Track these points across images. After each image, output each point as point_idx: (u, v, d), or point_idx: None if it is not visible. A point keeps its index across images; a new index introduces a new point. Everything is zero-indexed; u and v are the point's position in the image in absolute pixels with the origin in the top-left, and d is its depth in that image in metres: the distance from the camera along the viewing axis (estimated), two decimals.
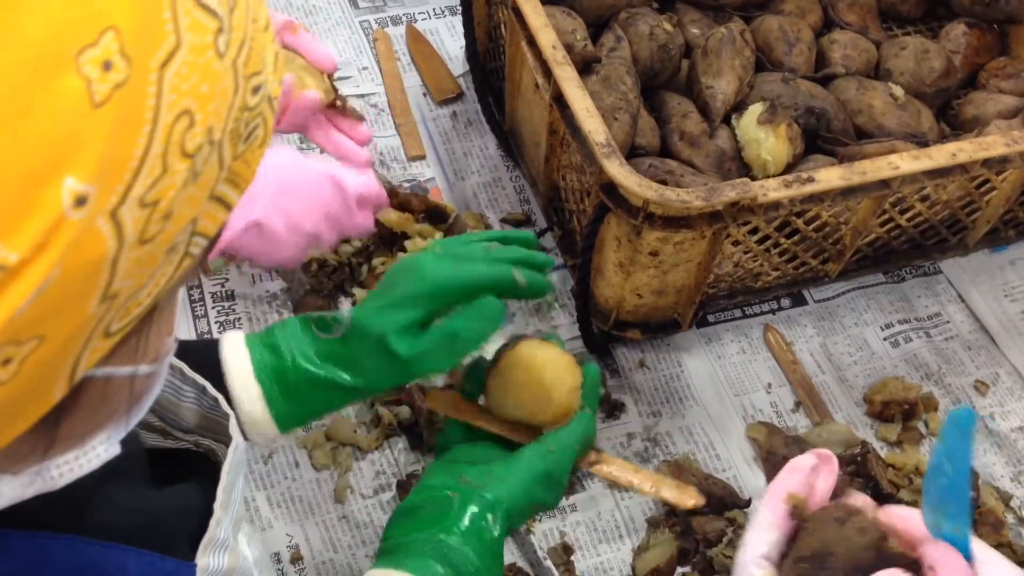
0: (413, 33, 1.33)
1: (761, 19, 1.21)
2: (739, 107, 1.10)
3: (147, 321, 0.40)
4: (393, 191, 1.12)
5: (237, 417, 0.69)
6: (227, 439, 0.63)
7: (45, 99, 0.31)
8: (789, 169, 1.06)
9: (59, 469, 0.43)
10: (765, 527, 0.59)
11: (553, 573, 0.94)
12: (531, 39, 0.98)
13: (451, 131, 1.25)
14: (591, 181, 0.94)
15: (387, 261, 1.09)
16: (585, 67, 1.03)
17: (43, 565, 0.48)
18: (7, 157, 0.31)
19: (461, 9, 1.17)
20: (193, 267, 0.40)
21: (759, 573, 0.58)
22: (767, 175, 1.04)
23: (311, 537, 0.94)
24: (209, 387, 0.65)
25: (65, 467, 0.43)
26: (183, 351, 0.67)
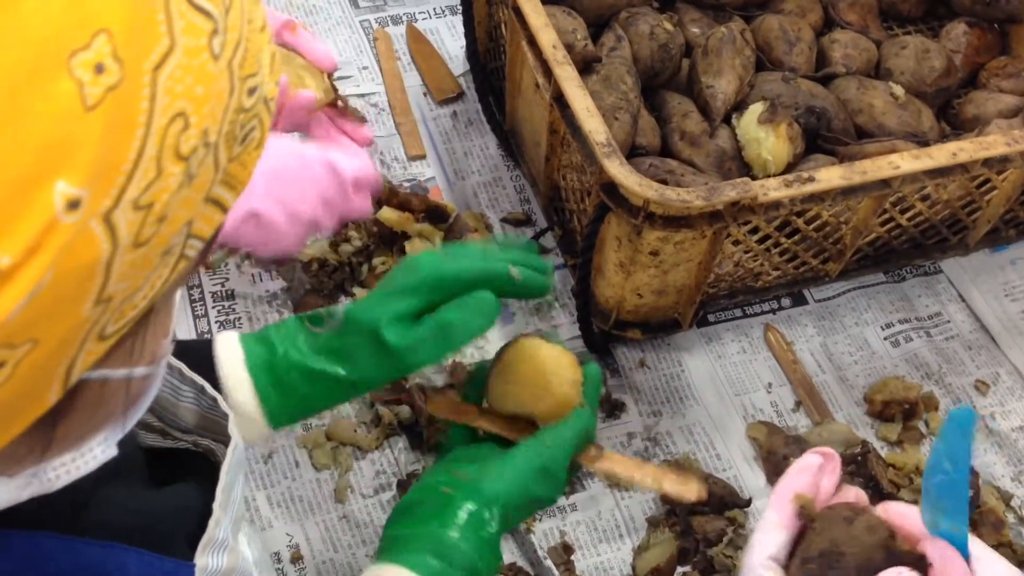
0: (413, 33, 1.33)
1: (761, 18, 1.21)
2: (739, 106, 1.10)
3: (143, 323, 0.40)
4: (393, 191, 1.12)
5: (228, 405, 0.69)
6: (226, 439, 0.63)
7: (37, 103, 0.31)
8: (789, 169, 1.06)
9: (56, 471, 0.43)
10: (773, 528, 0.59)
11: (553, 572, 0.94)
12: (531, 39, 0.98)
13: (451, 131, 1.25)
14: (591, 181, 0.94)
15: (387, 261, 1.09)
16: (585, 67, 1.03)
17: (42, 565, 0.48)
18: None
19: (461, 9, 1.17)
20: (189, 269, 0.40)
21: (768, 575, 0.57)
22: (767, 175, 1.04)
23: (311, 537, 0.94)
24: (208, 387, 0.65)
25: (62, 469, 0.43)
26: (181, 351, 0.67)
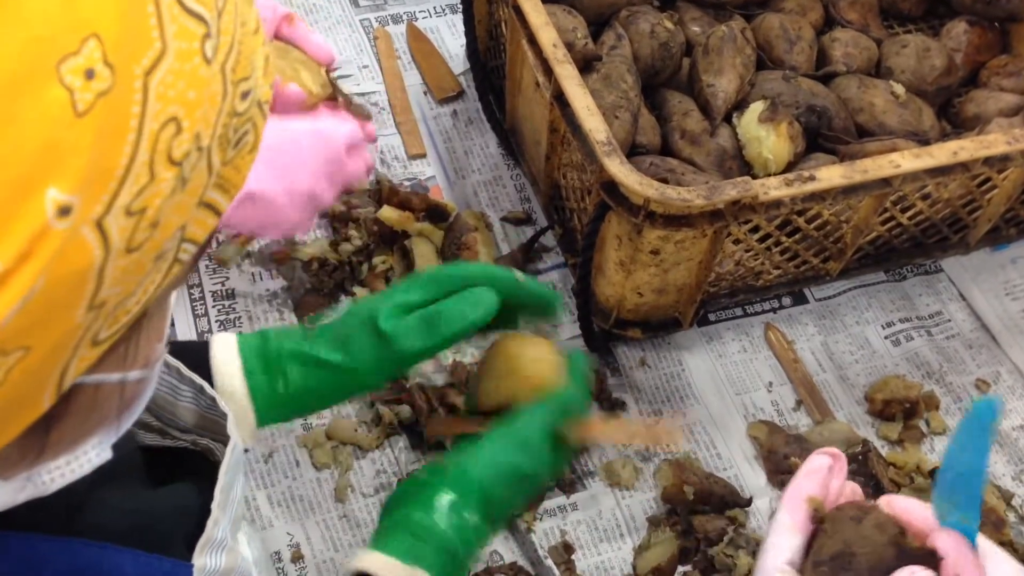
0: (414, 31, 1.33)
1: (762, 17, 1.20)
2: (740, 105, 1.10)
3: (137, 328, 0.40)
4: (394, 190, 1.12)
5: (216, 386, 0.70)
6: (225, 439, 0.63)
7: (27, 110, 0.31)
8: (790, 167, 1.06)
9: (50, 474, 0.43)
10: (787, 532, 0.59)
11: (554, 572, 0.94)
12: (532, 37, 0.98)
13: (451, 129, 1.25)
14: (592, 179, 0.94)
15: (387, 260, 1.09)
16: (586, 65, 1.02)
17: (39, 567, 0.48)
18: None
19: (462, 7, 1.17)
20: (183, 273, 0.40)
21: None
22: (768, 173, 1.04)
23: (312, 536, 0.94)
24: (206, 386, 0.65)
25: (56, 472, 0.43)
26: (180, 351, 0.67)
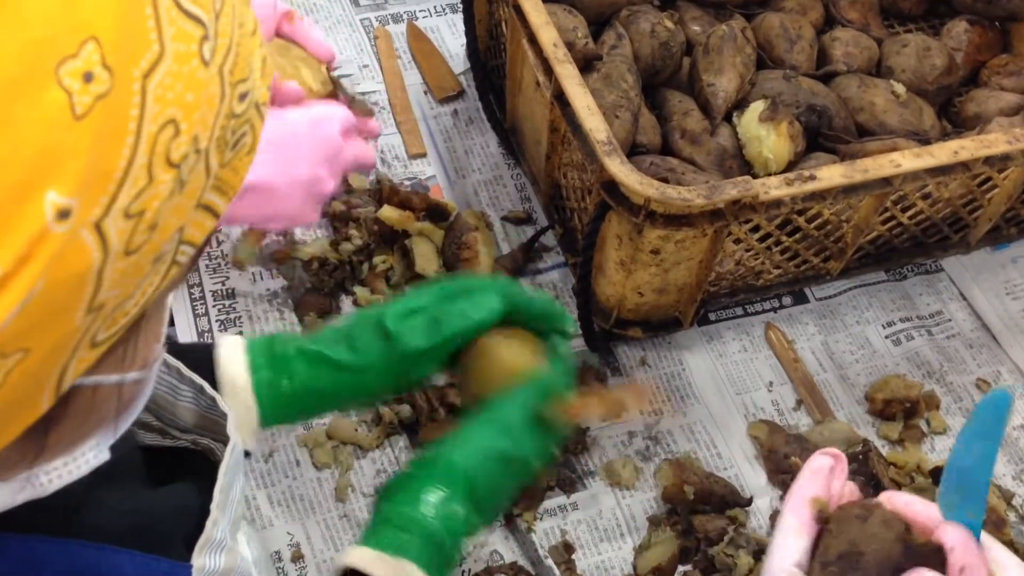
0: (414, 31, 1.33)
1: (762, 16, 1.20)
2: (740, 105, 1.10)
3: (135, 329, 0.40)
4: (394, 189, 1.12)
5: (219, 381, 0.71)
6: (226, 439, 0.63)
7: (26, 112, 0.31)
8: (791, 167, 1.06)
9: (48, 475, 0.43)
10: (793, 534, 0.59)
11: (554, 572, 0.94)
12: (532, 37, 0.98)
13: (452, 129, 1.25)
14: (592, 179, 0.94)
15: (388, 259, 1.09)
16: (586, 65, 1.02)
17: (38, 568, 0.48)
18: None
19: (462, 7, 1.17)
20: (181, 275, 0.40)
21: None
22: (768, 173, 1.04)
23: (312, 536, 0.94)
24: (207, 386, 0.65)
25: (54, 473, 0.43)
26: (185, 352, 0.67)
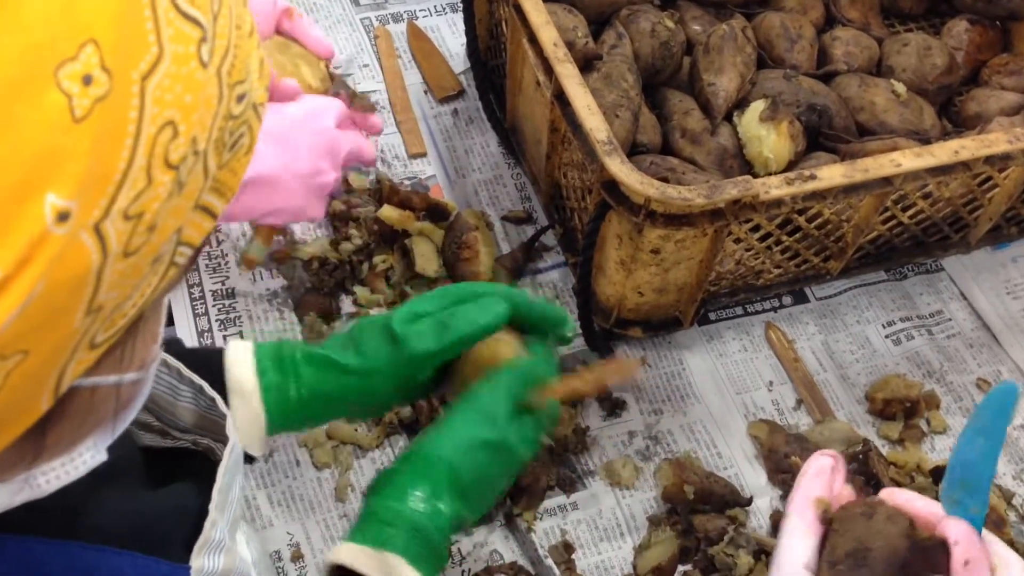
0: (414, 30, 1.33)
1: (763, 16, 1.20)
2: (741, 104, 1.10)
3: (133, 330, 0.40)
4: (394, 188, 1.12)
5: (227, 385, 0.72)
6: (225, 439, 0.63)
7: (25, 115, 0.31)
8: (791, 166, 1.06)
9: (46, 476, 0.43)
10: (800, 535, 0.59)
11: (554, 571, 0.93)
12: (532, 36, 0.98)
13: (452, 128, 1.25)
14: (592, 179, 0.94)
15: (388, 259, 1.09)
16: (586, 64, 1.02)
17: (38, 570, 0.48)
18: None
19: (462, 6, 1.16)
20: (179, 276, 0.40)
21: None
22: (769, 172, 1.04)
23: (312, 535, 0.94)
24: (206, 387, 0.65)
25: (52, 474, 0.43)
26: (192, 355, 0.67)
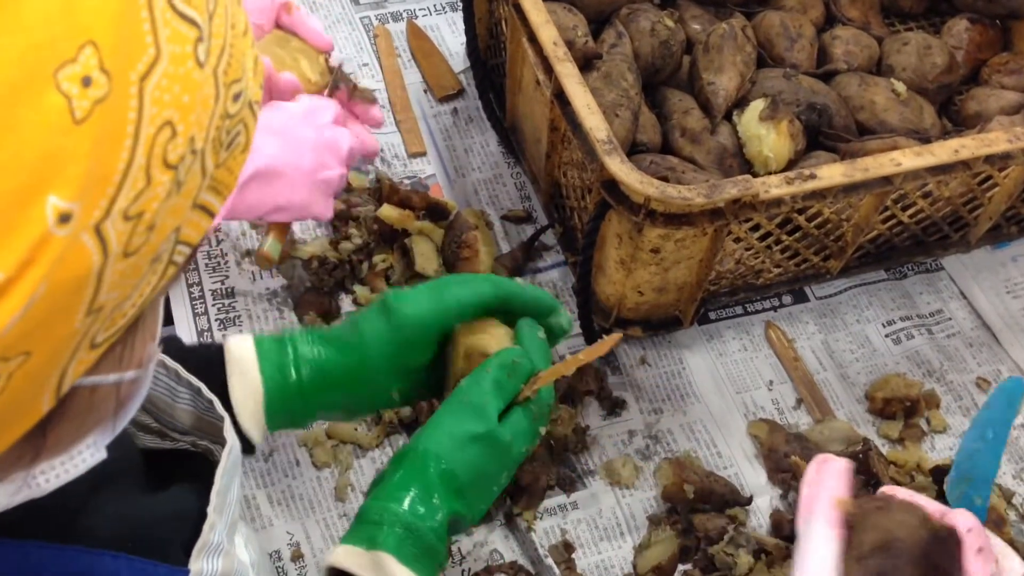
0: (414, 29, 1.33)
1: (763, 15, 1.20)
2: (740, 103, 1.10)
3: (132, 329, 0.40)
4: (394, 188, 1.12)
5: (227, 367, 0.73)
6: (223, 441, 0.63)
7: (26, 117, 0.31)
8: (791, 166, 1.06)
9: (45, 475, 0.43)
10: (826, 540, 0.59)
11: (554, 571, 0.93)
12: (532, 35, 0.98)
13: (452, 128, 1.24)
14: (592, 178, 0.93)
15: (387, 258, 1.08)
16: (586, 63, 1.02)
17: (36, 573, 0.48)
18: None
19: (462, 5, 1.16)
20: (177, 275, 0.40)
21: None
22: (769, 172, 1.04)
23: (312, 535, 0.94)
24: (204, 388, 0.65)
25: (51, 473, 0.43)
26: (186, 352, 0.67)
